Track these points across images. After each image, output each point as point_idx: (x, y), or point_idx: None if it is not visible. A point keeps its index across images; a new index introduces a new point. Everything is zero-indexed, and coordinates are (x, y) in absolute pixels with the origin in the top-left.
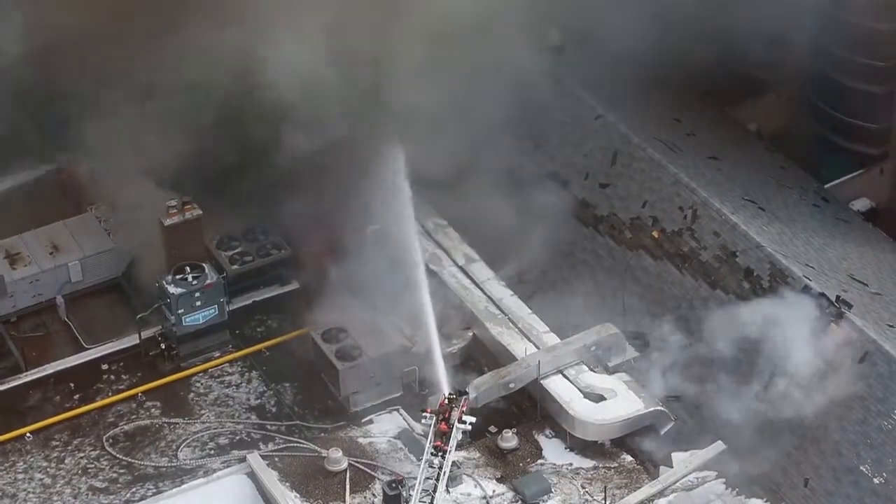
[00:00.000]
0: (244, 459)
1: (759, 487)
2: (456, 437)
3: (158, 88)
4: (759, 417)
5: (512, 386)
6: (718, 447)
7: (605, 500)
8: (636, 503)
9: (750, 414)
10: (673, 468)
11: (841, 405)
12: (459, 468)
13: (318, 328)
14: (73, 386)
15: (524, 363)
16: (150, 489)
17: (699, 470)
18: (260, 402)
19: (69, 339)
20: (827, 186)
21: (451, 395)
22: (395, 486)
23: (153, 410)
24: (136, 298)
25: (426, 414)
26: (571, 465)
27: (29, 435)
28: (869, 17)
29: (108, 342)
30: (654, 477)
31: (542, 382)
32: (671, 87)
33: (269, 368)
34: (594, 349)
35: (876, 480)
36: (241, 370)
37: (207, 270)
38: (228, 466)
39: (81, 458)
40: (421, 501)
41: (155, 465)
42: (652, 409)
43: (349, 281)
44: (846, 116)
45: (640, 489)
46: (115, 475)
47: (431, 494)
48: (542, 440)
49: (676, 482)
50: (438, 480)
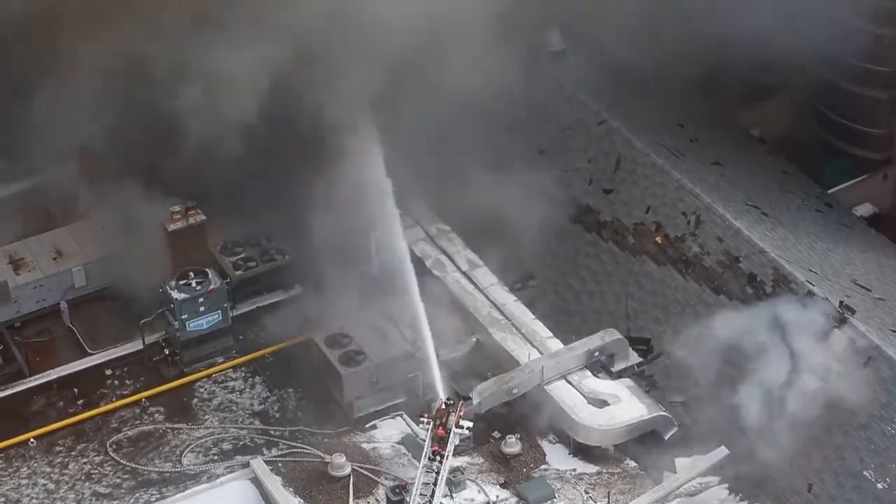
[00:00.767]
0: (248, 465)
1: (762, 492)
2: (453, 441)
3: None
4: (762, 422)
5: (515, 391)
6: (722, 452)
7: None
8: None
9: (754, 419)
10: (676, 473)
11: (844, 410)
12: (463, 473)
13: (321, 333)
14: (76, 391)
15: (527, 369)
16: (153, 494)
17: (702, 475)
18: (263, 407)
19: (73, 344)
20: (830, 192)
21: (448, 400)
22: (398, 491)
23: (157, 416)
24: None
25: (423, 419)
26: (575, 470)
27: (32, 440)
28: (873, 22)
29: (111, 348)
30: (657, 482)
31: (545, 388)
32: (674, 92)
33: (272, 374)
34: (597, 354)
35: (879, 486)
36: (244, 375)
37: (211, 276)
38: (232, 472)
39: (85, 463)
40: None
41: (159, 470)
42: (655, 414)
43: (352, 286)
44: (849, 121)
45: (643, 494)
46: (118, 480)
47: (429, 499)
48: (545, 445)
49: (680, 487)
50: (436, 485)
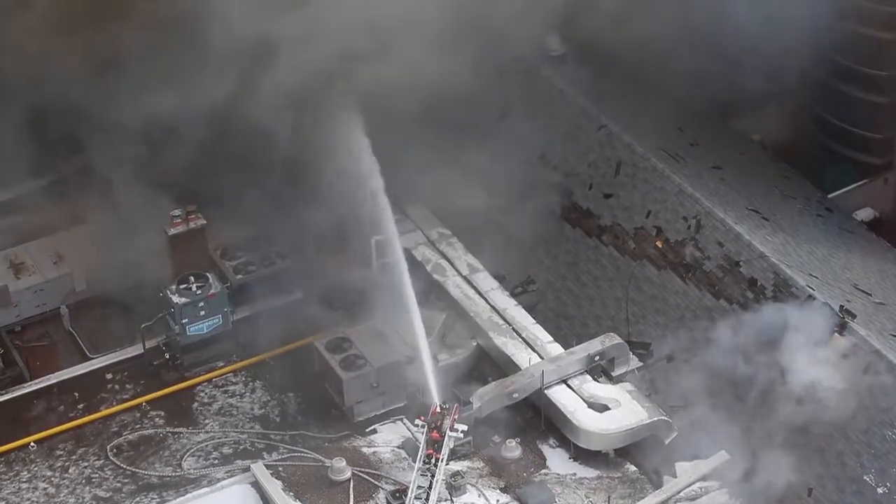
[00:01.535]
0: (248, 469)
1: (762, 497)
2: (448, 445)
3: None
4: (763, 427)
5: (516, 396)
6: (722, 457)
7: None
8: None
9: (754, 424)
10: (676, 478)
11: (845, 415)
12: (463, 478)
13: (322, 338)
14: (77, 395)
15: (528, 373)
16: (154, 499)
17: (703, 479)
18: (264, 411)
19: (73, 348)
20: (830, 196)
21: (443, 403)
22: (398, 495)
23: (157, 420)
24: None
25: (419, 422)
26: (575, 474)
27: (33, 444)
28: (873, 26)
29: (112, 352)
30: (657, 486)
31: (545, 392)
32: (674, 97)
33: (273, 378)
34: (598, 359)
35: (880, 490)
36: (245, 380)
37: (211, 280)
38: (232, 476)
39: (85, 467)
40: None
41: (159, 474)
42: (656, 418)
43: (352, 290)
44: (850, 126)
45: (643, 499)
46: (119, 484)
47: (425, 503)
48: (545, 450)
49: (680, 492)
50: (431, 489)
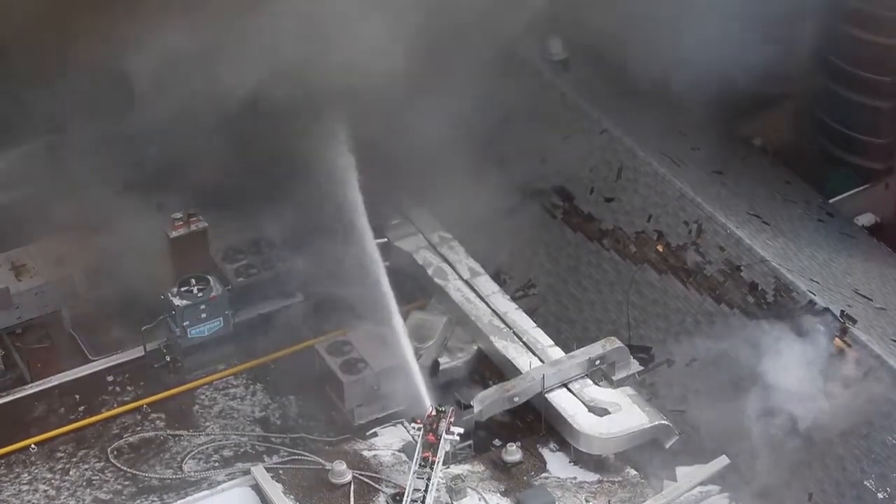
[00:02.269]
0: (249, 472)
1: (763, 502)
2: (444, 448)
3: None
4: (763, 432)
5: (516, 399)
6: (723, 461)
7: None
8: None
9: (754, 429)
10: (677, 482)
11: (845, 420)
12: (464, 481)
13: (322, 341)
14: (77, 398)
15: (529, 377)
16: (154, 501)
17: (703, 484)
18: (264, 414)
19: (74, 350)
20: (832, 201)
21: (439, 406)
22: (399, 498)
23: (158, 422)
24: None
25: (415, 424)
26: (575, 478)
27: (33, 446)
28: (874, 31)
29: (112, 354)
30: (658, 491)
31: (546, 396)
32: (676, 101)
33: (273, 381)
34: (599, 363)
35: (880, 495)
36: (245, 382)
37: (213, 283)
38: (233, 479)
39: (86, 469)
40: None
41: (160, 477)
42: (656, 423)
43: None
44: (851, 131)
45: (644, 503)
46: (119, 487)
47: None
48: (546, 454)
49: (680, 496)
50: (426, 492)
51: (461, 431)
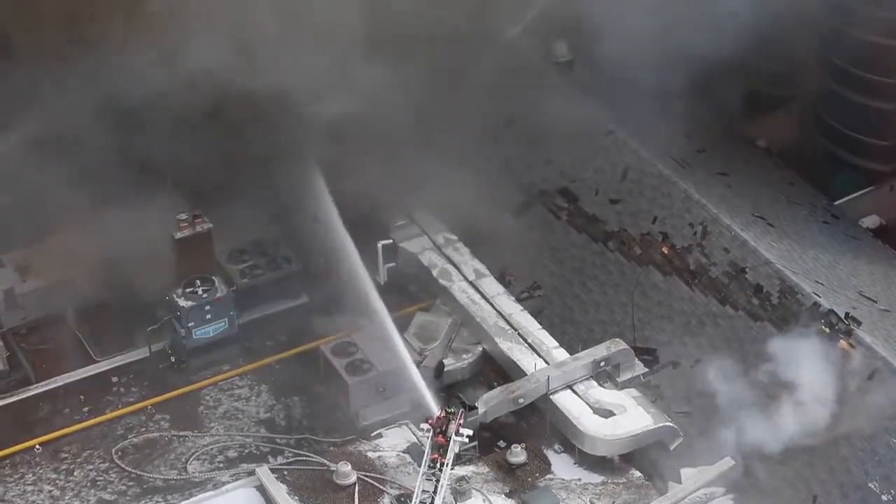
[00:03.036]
0: (253, 473)
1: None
2: (453, 449)
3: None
4: (768, 434)
5: (521, 401)
6: (727, 463)
7: None
8: None
9: (759, 431)
10: (682, 484)
11: (850, 422)
12: (468, 483)
13: (328, 342)
14: (82, 398)
15: (533, 378)
16: (159, 502)
17: (708, 486)
18: (269, 415)
19: (79, 351)
20: (836, 203)
21: (448, 408)
22: (403, 500)
23: (163, 423)
24: None
25: (424, 426)
26: (580, 480)
27: (38, 447)
28: (879, 33)
29: (118, 355)
30: (662, 492)
31: (551, 397)
32: (681, 103)
33: (278, 382)
34: (603, 364)
35: (885, 498)
36: (250, 383)
37: (217, 283)
38: (237, 479)
39: (91, 470)
40: None
41: (164, 477)
42: (661, 424)
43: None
44: (856, 133)
45: None
46: (124, 487)
47: None
48: (551, 455)
49: (685, 498)
50: (436, 493)
51: (471, 433)
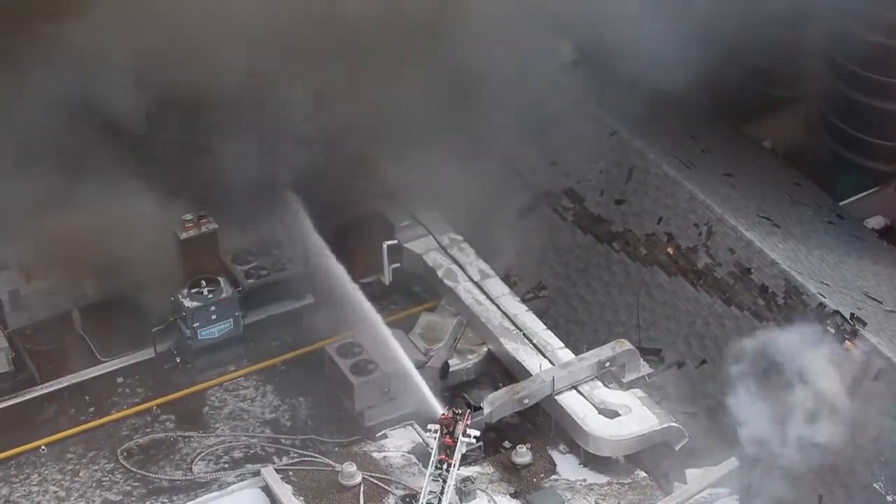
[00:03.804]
0: (258, 473)
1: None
2: (460, 450)
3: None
4: (773, 435)
5: (526, 401)
6: (732, 464)
7: None
8: None
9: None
10: (686, 484)
11: (855, 423)
12: (474, 483)
13: (333, 342)
14: (87, 399)
15: (539, 379)
16: (164, 502)
17: (712, 486)
18: (274, 415)
19: (84, 352)
20: (841, 204)
21: (455, 409)
22: (408, 500)
23: (168, 424)
24: None
25: (431, 426)
26: (585, 480)
27: (44, 447)
28: (883, 33)
29: (123, 355)
30: (667, 493)
31: (556, 398)
32: (686, 104)
33: (283, 382)
34: (608, 365)
35: (889, 498)
36: (255, 384)
37: (223, 284)
38: (243, 480)
39: (96, 470)
40: None
41: (169, 478)
42: (666, 425)
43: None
44: (860, 133)
45: None
46: (129, 488)
47: None
48: (556, 456)
49: (690, 498)
50: (443, 493)
51: (477, 434)
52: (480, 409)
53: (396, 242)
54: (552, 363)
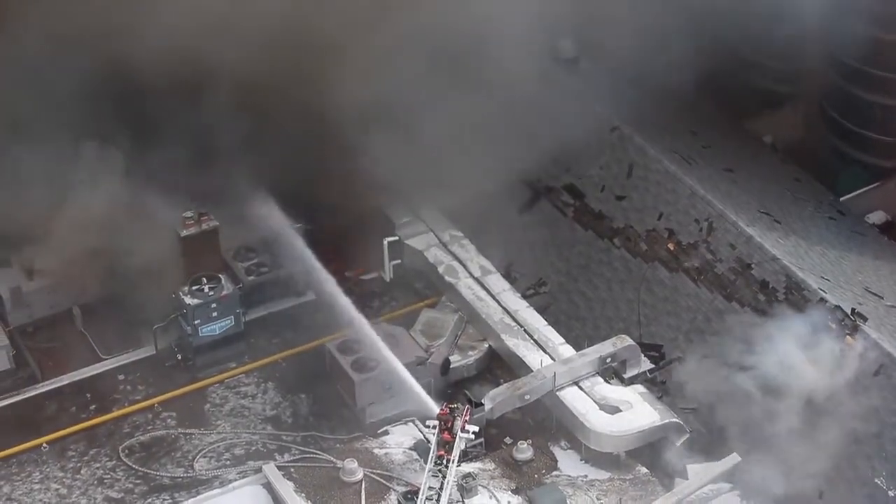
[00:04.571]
0: (260, 470)
1: (773, 500)
2: (459, 446)
3: None
4: (773, 430)
5: (527, 397)
6: (734, 459)
7: None
8: None
9: (764, 427)
10: (688, 480)
11: (856, 418)
12: (475, 479)
13: (333, 339)
14: (89, 396)
15: (540, 375)
16: (165, 500)
17: (714, 482)
18: (276, 412)
19: (86, 349)
20: (842, 199)
21: (453, 404)
22: (410, 497)
23: (169, 421)
24: None
25: (430, 422)
26: (586, 476)
27: (45, 445)
28: (884, 28)
29: (124, 353)
30: (668, 489)
31: (557, 394)
32: (687, 99)
33: (284, 379)
34: (610, 361)
35: (891, 493)
36: (257, 381)
37: (224, 281)
38: (244, 477)
39: (97, 468)
40: None
41: (171, 475)
42: (667, 420)
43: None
44: (861, 129)
45: (655, 501)
46: (130, 486)
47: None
48: (557, 452)
49: (691, 494)
50: (442, 489)
51: (476, 429)
52: (482, 405)
53: (397, 239)
54: (553, 359)
